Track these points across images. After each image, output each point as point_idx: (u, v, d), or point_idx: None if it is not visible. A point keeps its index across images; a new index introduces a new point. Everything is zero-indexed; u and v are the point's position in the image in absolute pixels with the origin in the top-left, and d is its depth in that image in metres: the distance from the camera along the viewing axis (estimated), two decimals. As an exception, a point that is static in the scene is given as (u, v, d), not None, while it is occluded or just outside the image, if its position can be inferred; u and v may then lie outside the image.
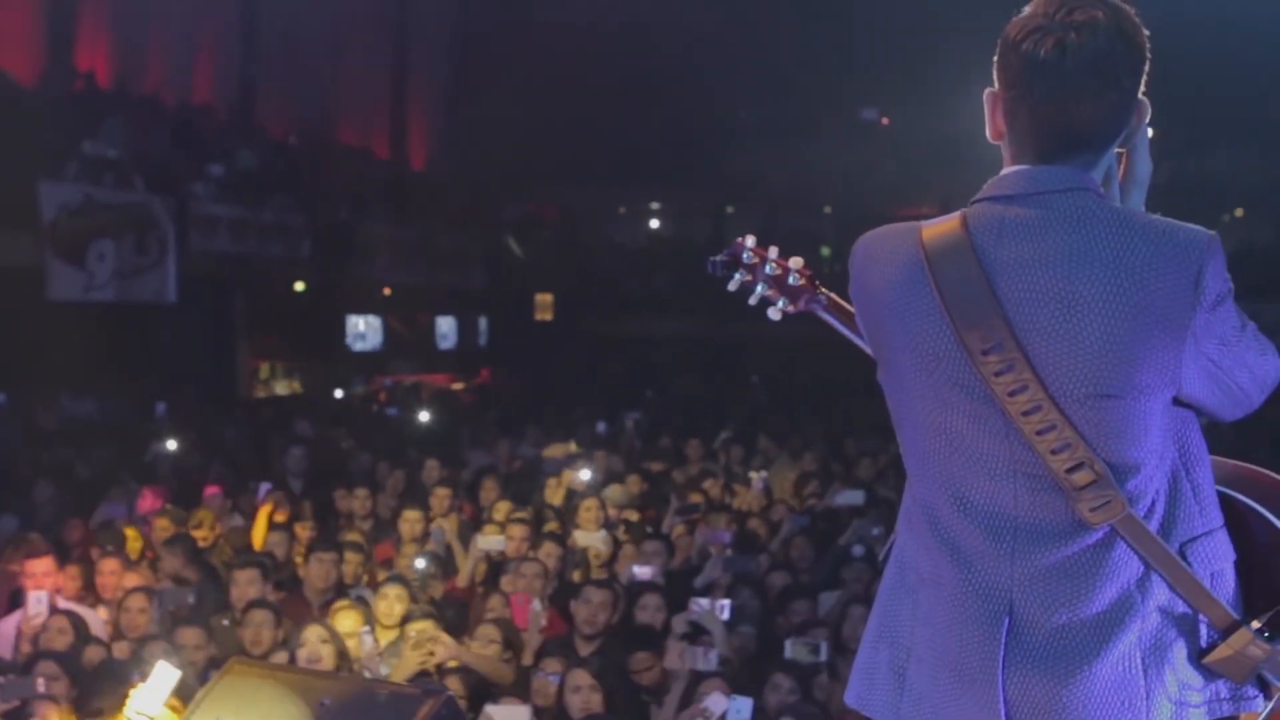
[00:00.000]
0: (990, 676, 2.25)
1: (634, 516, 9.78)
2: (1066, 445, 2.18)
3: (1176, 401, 2.25)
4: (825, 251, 25.95)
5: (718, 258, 3.04)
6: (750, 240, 3.05)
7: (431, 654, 6.04)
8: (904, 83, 23.26)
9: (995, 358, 2.19)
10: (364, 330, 21.38)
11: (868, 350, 2.57)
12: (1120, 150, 2.35)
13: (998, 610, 2.26)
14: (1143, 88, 2.29)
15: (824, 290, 3.00)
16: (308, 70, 21.26)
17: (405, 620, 6.63)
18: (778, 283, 3.00)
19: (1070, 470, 2.19)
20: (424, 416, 15.84)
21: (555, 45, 22.38)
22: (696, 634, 6.64)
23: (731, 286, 3.05)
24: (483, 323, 24.31)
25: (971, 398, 2.24)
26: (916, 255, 2.29)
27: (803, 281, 3.00)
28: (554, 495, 10.39)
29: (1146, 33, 2.25)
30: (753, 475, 11.23)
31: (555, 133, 23.33)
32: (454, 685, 5.64)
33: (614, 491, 10.07)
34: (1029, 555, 2.25)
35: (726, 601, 7.08)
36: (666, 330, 23.91)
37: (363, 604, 6.93)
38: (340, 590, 7.73)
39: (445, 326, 23.45)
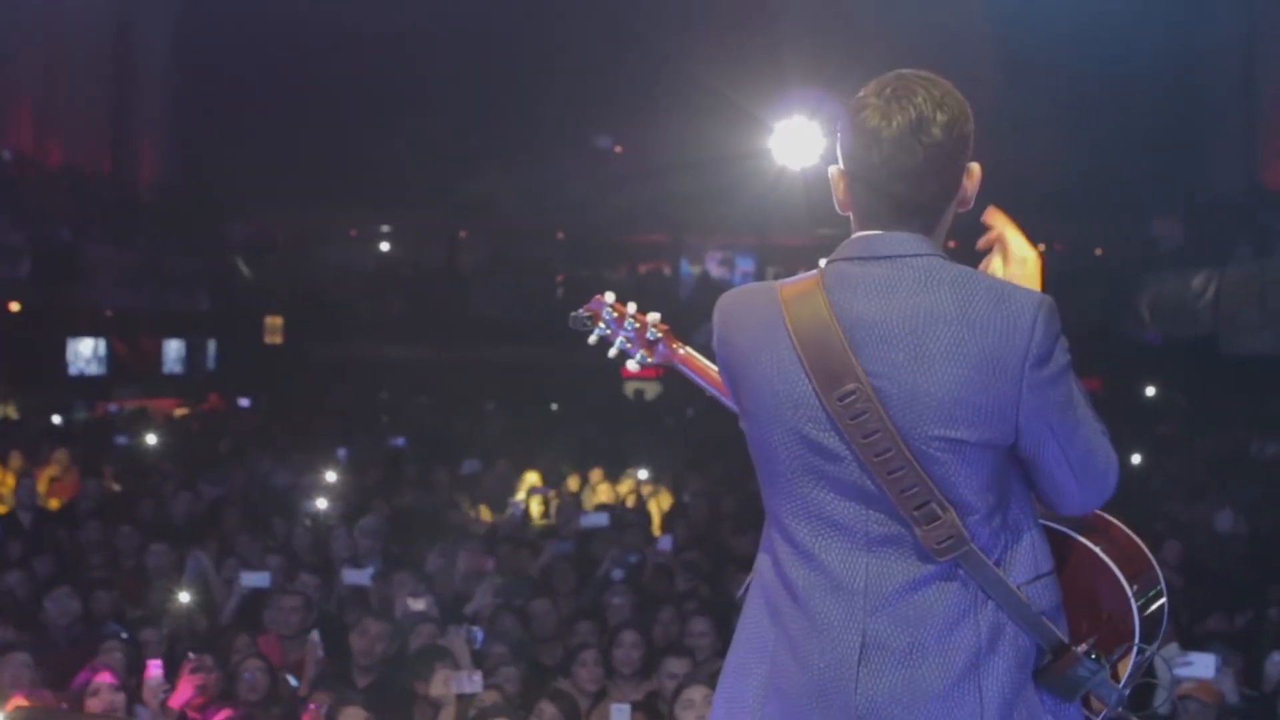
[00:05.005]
0: (846, 700, 2.43)
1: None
2: (915, 485, 2.38)
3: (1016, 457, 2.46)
4: (559, 278, 26.20)
5: (580, 312, 3.19)
6: (610, 296, 3.22)
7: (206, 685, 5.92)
8: (636, 112, 23.70)
9: (850, 401, 2.38)
10: (86, 354, 20.53)
11: (723, 400, 2.83)
12: (960, 211, 2.56)
13: (851, 640, 2.44)
14: (969, 154, 2.49)
15: (679, 344, 3.18)
16: (22, 84, 20.34)
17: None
18: (637, 336, 3.18)
19: (918, 508, 2.39)
20: (152, 442, 15.29)
21: (284, 64, 22.03)
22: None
23: (592, 340, 3.21)
24: (211, 346, 23.66)
25: (829, 440, 2.43)
26: (775, 309, 2.48)
27: (660, 335, 3.18)
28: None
29: (968, 106, 2.47)
30: (508, 500, 11.29)
31: (285, 153, 22.94)
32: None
33: (369, 521, 9.96)
34: (879, 586, 2.44)
35: (478, 629, 7.15)
36: (397, 355, 23.75)
37: (123, 643, 6.71)
38: (89, 627, 7.48)
39: (172, 350, 22.73)
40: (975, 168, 2.52)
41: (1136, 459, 13.44)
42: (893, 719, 2.42)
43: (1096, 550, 2.61)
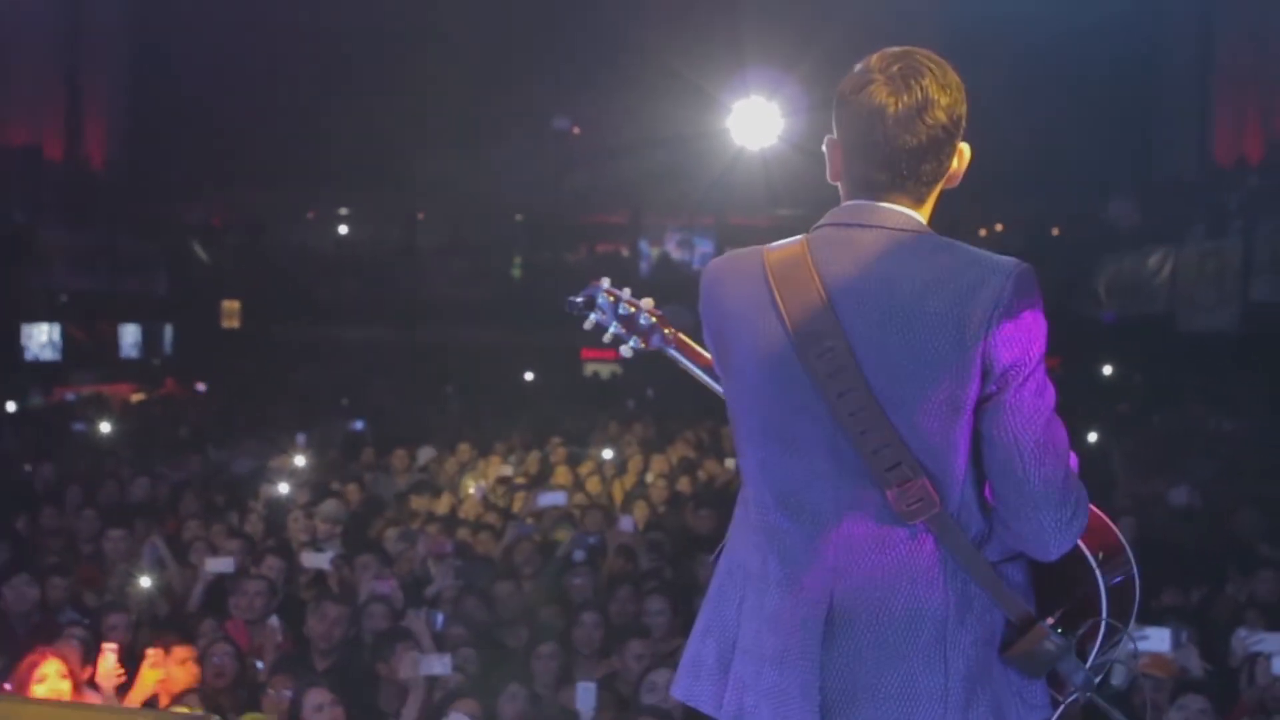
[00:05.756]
0: (811, 663, 2.46)
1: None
2: (887, 445, 2.42)
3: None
4: (517, 259, 26.17)
5: (576, 298, 3.19)
6: (606, 282, 3.22)
7: (165, 677, 5.89)
8: (594, 93, 23.65)
9: (827, 361, 2.43)
10: (41, 339, 20.34)
11: (713, 386, 2.91)
12: (947, 188, 2.61)
13: (819, 601, 2.47)
14: (962, 135, 2.56)
15: (672, 330, 3.19)
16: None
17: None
18: (630, 322, 3.17)
19: (889, 469, 2.42)
20: (108, 428, 15.18)
21: (239, 45, 21.84)
22: None
23: (587, 325, 3.21)
24: (168, 331, 23.49)
25: (805, 397, 2.46)
26: (760, 270, 2.54)
27: (654, 321, 3.18)
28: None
29: (963, 87, 2.53)
30: (469, 483, 11.27)
31: (241, 135, 22.77)
32: (194, 706, 5.52)
33: (330, 505, 9.94)
34: (849, 549, 2.48)
35: (438, 612, 7.16)
36: (356, 337, 23.68)
37: (81, 629, 6.66)
38: (46, 614, 7.43)
39: (129, 335, 22.55)
40: (965, 148, 2.58)
41: (1093, 437, 13.55)
42: (857, 683, 2.45)
43: None
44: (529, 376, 22.22)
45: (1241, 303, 14.80)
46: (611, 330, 3.18)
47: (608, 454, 13.21)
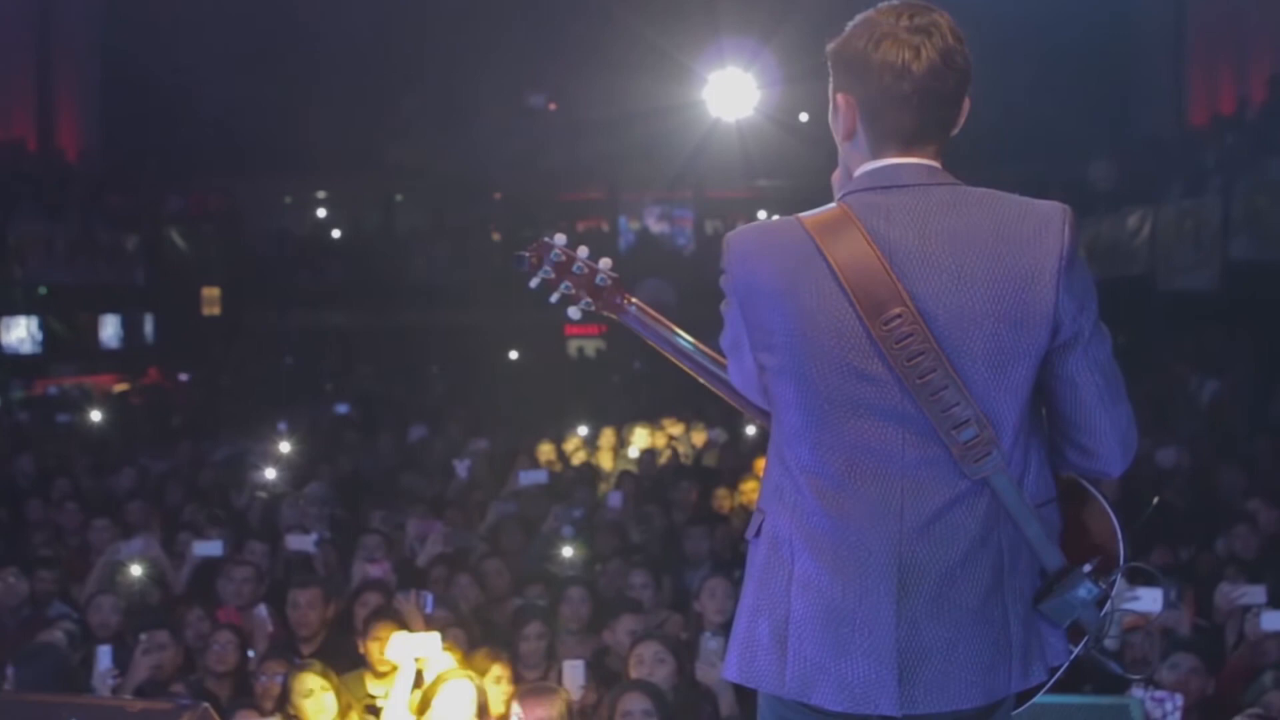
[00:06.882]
0: (885, 628, 2.48)
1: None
2: (956, 402, 2.44)
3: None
4: (496, 237, 26.08)
5: (523, 252, 3.06)
6: (560, 239, 3.09)
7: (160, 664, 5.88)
8: (569, 69, 23.57)
9: (895, 325, 2.42)
10: (20, 333, 20.22)
11: (668, 354, 2.94)
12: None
13: (888, 564, 2.48)
14: None
15: (631, 299, 3.06)
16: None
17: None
18: (584, 282, 3.05)
19: (956, 427, 2.44)
20: (95, 419, 15.14)
21: (212, 31, 21.71)
22: None
23: (533, 283, 3.08)
24: (148, 321, 23.36)
25: (872, 366, 2.46)
26: (805, 240, 2.50)
27: (609, 283, 3.06)
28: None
29: None
30: (455, 463, 11.25)
31: (216, 123, 22.65)
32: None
33: (314, 488, 9.92)
34: (916, 508, 2.48)
35: (428, 593, 7.12)
36: (338, 321, 23.62)
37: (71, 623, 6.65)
38: (36, 608, 7.42)
39: (109, 325, 22.43)
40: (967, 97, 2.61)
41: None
42: (932, 638, 2.47)
43: (1081, 480, 2.71)
44: (513, 355, 22.20)
45: (1221, 261, 14.81)
46: (561, 290, 3.05)
47: (584, 430, 13.20)
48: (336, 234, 27.12)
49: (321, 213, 27.89)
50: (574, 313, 3.08)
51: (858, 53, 2.51)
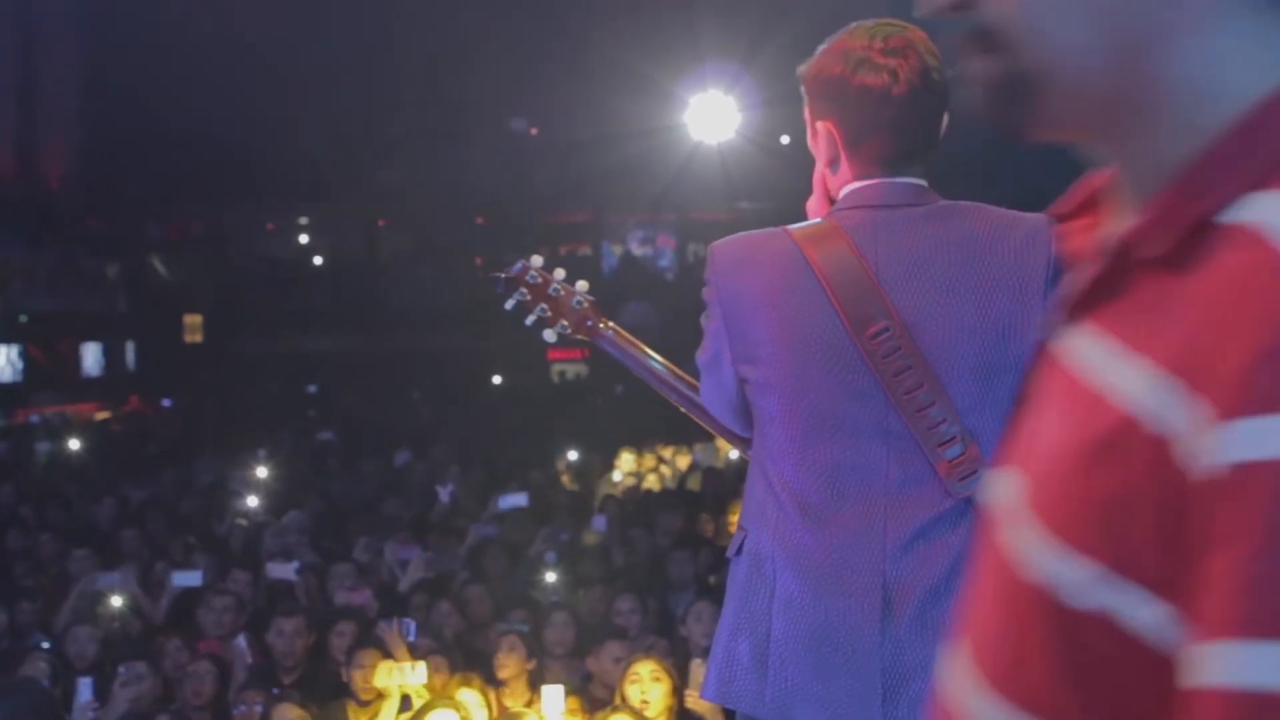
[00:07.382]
0: (868, 649, 2.43)
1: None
2: (942, 419, 2.41)
3: None
4: (478, 261, 26.05)
5: (501, 274, 3.02)
6: (537, 261, 3.07)
7: (139, 696, 5.81)
8: (551, 93, 23.58)
9: (882, 339, 2.40)
10: (1, 361, 20.14)
11: (647, 378, 2.88)
12: None
13: (872, 582, 2.44)
14: None
15: (608, 323, 3.02)
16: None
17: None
18: (560, 305, 3.01)
19: (943, 444, 2.41)
20: (76, 447, 15.03)
21: (193, 57, 21.67)
22: None
23: (509, 305, 3.04)
24: (130, 348, 23.28)
25: (859, 380, 2.43)
26: (794, 252, 2.48)
27: (585, 306, 3.01)
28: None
29: None
30: (438, 488, 11.18)
31: (198, 149, 22.61)
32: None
33: (295, 516, 9.84)
34: (900, 527, 2.44)
35: (410, 620, 7.06)
36: (321, 347, 23.56)
37: (47, 654, 6.57)
38: (15, 639, 7.34)
39: (90, 353, 22.35)
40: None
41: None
42: (917, 657, 2.43)
43: None
44: (496, 380, 22.14)
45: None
46: (536, 312, 3.01)
47: (574, 455, 13.15)
48: (319, 259, 27.09)
49: (304, 238, 27.86)
50: (549, 335, 3.04)
51: (835, 80, 2.48)
